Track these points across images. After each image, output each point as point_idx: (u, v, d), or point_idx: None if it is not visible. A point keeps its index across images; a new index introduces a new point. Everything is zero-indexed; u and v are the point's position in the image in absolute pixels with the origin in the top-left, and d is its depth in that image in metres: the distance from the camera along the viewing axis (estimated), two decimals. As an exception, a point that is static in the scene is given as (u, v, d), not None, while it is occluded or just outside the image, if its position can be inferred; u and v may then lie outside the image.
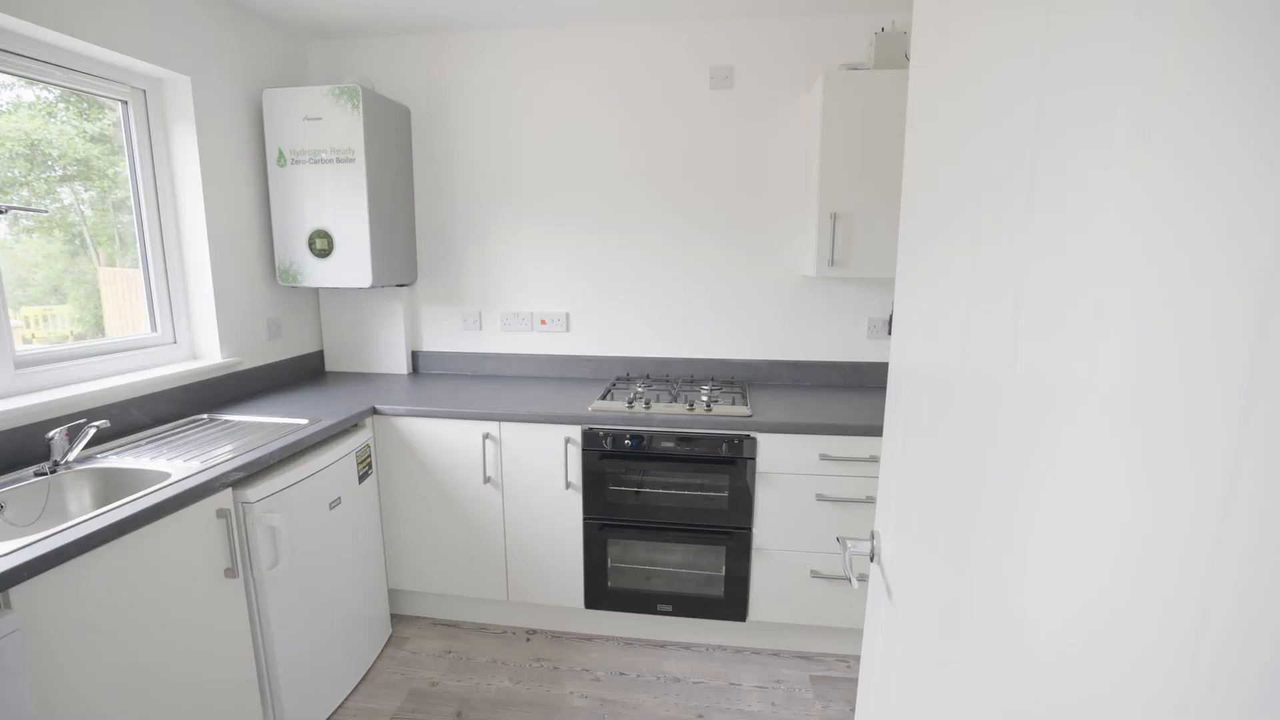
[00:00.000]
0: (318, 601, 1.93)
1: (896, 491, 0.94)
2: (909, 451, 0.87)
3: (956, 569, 0.67)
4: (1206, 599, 0.33)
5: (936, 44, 0.82)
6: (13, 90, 1.82)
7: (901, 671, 0.86)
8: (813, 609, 2.22)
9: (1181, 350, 0.35)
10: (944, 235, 0.75)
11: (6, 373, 1.73)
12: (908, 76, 2.15)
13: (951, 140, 0.73)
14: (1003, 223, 0.59)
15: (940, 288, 0.76)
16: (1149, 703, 0.36)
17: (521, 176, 2.69)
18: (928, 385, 0.79)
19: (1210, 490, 0.33)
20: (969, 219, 0.67)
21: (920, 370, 0.83)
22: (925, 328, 0.81)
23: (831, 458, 2.11)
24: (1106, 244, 0.43)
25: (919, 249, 0.87)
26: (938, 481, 0.74)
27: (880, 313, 2.60)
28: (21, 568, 1.15)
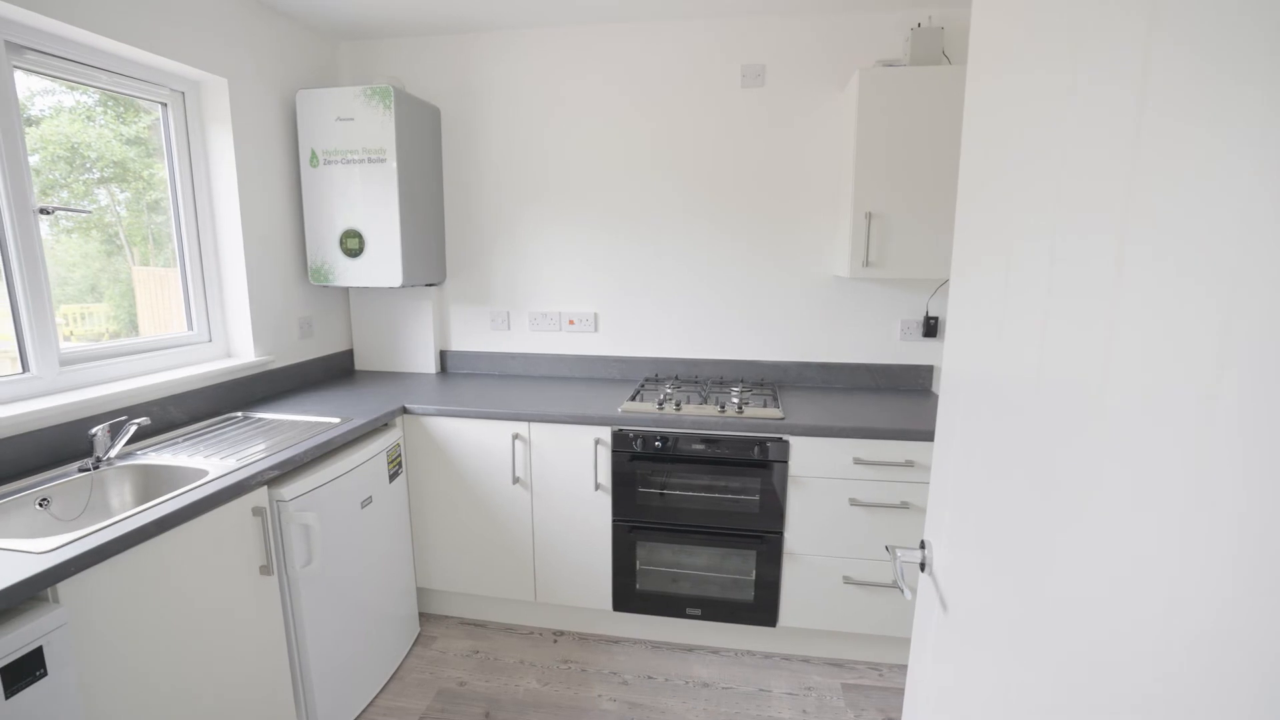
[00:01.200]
0: (349, 600, 1.94)
1: (951, 501, 0.91)
2: (967, 460, 0.84)
3: (1029, 586, 0.64)
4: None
5: (1002, 31, 0.78)
6: (54, 96, 1.86)
7: (960, 690, 0.82)
8: (845, 615, 2.18)
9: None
10: (1013, 235, 0.72)
11: (51, 370, 1.76)
12: (945, 73, 2.12)
13: (1024, 134, 0.70)
14: (1094, 216, 0.55)
15: (1007, 291, 0.73)
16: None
17: (550, 176, 2.69)
18: (991, 392, 0.76)
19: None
20: (1047, 216, 0.64)
21: (982, 377, 0.80)
22: (988, 332, 0.78)
23: (865, 462, 2.07)
24: (1228, 244, 0.40)
25: (978, 249, 0.84)
26: (1006, 493, 0.71)
27: (913, 314, 2.55)
28: (69, 563, 1.17)
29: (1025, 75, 0.71)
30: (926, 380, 2.57)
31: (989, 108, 0.83)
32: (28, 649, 1.09)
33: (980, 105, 0.86)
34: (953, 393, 0.93)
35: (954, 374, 0.93)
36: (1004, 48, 0.77)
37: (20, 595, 1.09)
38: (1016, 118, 0.73)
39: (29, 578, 1.11)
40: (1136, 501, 0.48)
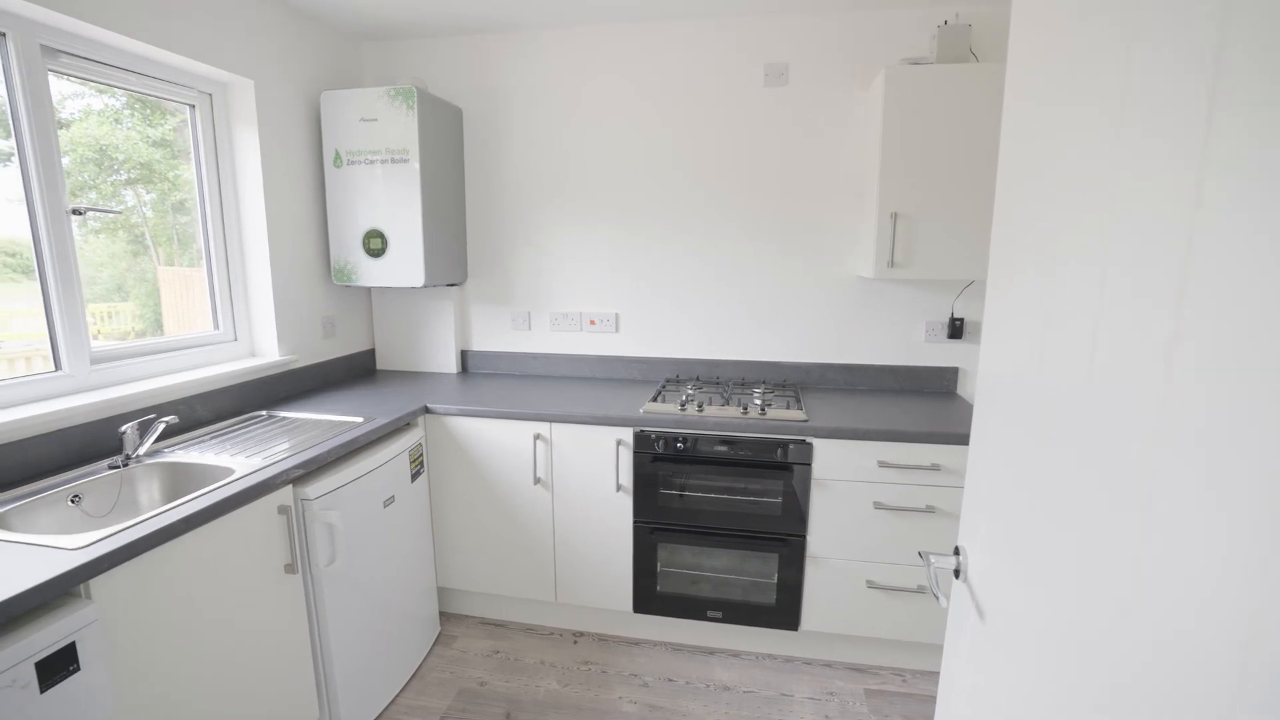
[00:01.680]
0: (371, 599, 1.95)
1: (988, 507, 0.88)
2: (1006, 467, 0.82)
3: (1075, 597, 0.61)
4: None
5: (1041, 57, 0.76)
6: (83, 99, 1.89)
7: (997, 700, 0.80)
8: (868, 620, 2.15)
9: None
10: (1059, 235, 0.70)
11: (83, 368, 1.79)
12: (973, 71, 2.08)
13: (1075, 132, 0.68)
14: (1157, 218, 0.53)
15: (1051, 303, 0.70)
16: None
17: (571, 176, 2.68)
18: (1034, 400, 0.74)
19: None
20: (1100, 216, 0.61)
21: (1023, 384, 0.77)
22: (1029, 342, 0.76)
23: (890, 465, 2.03)
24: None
25: (1018, 261, 0.81)
26: (1050, 502, 0.68)
27: (939, 315, 2.51)
28: (101, 559, 1.18)
29: (1068, 106, 0.68)
30: (951, 382, 2.53)
31: (1031, 117, 0.80)
32: (61, 645, 1.10)
33: (1020, 117, 0.84)
34: (989, 399, 0.91)
35: (991, 380, 0.90)
36: (1044, 73, 0.75)
37: (54, 591, 1.11)
38: (1056, 142, 0.70)
39: (62, 574, 1.12)
40: (1197, 514, 0.45)
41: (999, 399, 0.86)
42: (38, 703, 1.07)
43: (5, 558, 1.17)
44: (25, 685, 1.05)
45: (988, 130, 2.06)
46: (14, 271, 1.76)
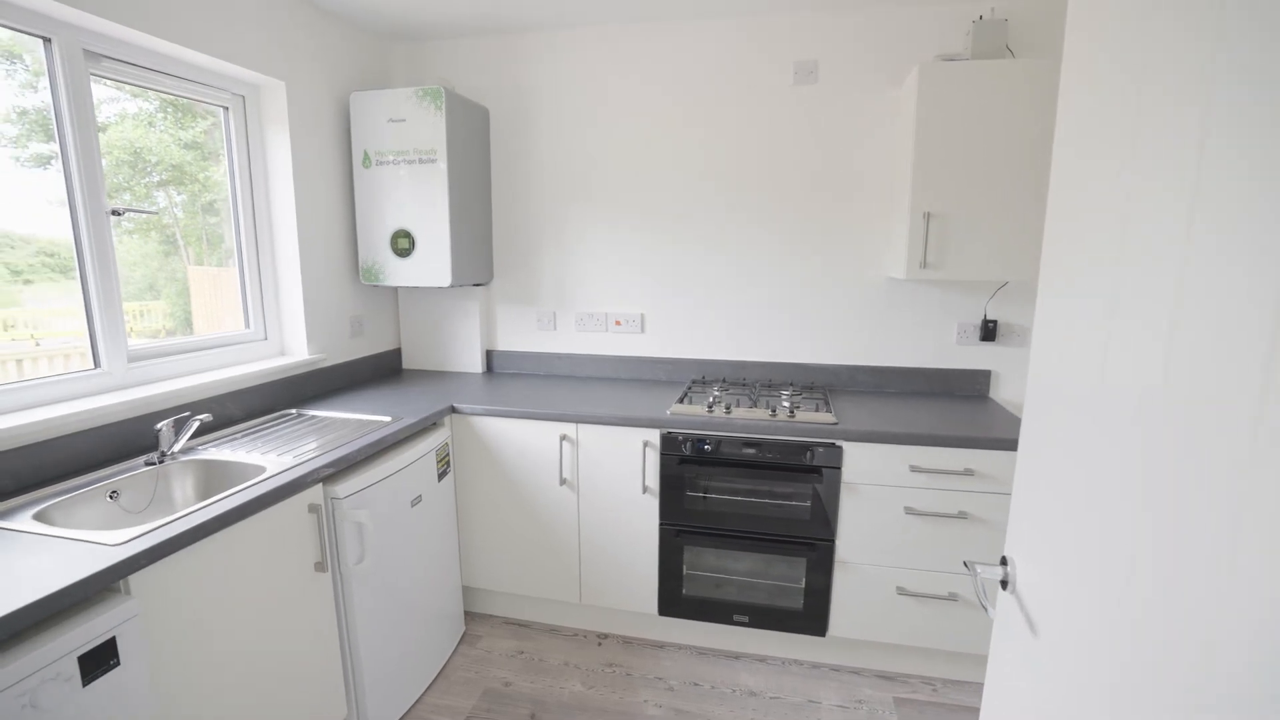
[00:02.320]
0: (398, 597, 1.95)
1: (1039, 516, 0.85)
2: (1062, 475, 0.79)
3: (1148, 619, 0.59)
4: None
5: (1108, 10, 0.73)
6: (118, 104, 1.92)
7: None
8: (898, 627, 2.11)
9: None
10: (1129, 236, 0.67)
11: (120, 366, 1.82)
12: (1009, 67, 2.03)
13: (1152, 121, 0.65)
14: (1250, 216, 0.50)
15: (1115, 313, 0.67)
16: None
17: (597, 176, 2.67)
18: (1096, 405, 0.71)
19: None
20: (1179, 217, 0.59)
21: (1084, 388, 0.74)
22: (1090, 342, 0.73)
23: (922, 469, 1.99)
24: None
25: (1076, 268, 0.78)
26: (1117, 515, 0.65)
27: (971, 317, 2.46)
28: (140, 556, 1.20)
29: (1143, 97, 0.65)
30: (984, 386, 2.48)
31: (1096, 105, 0.77)
32: (102, 639, 1.12)
33: (1080, 105, 0.81)
34: (1041, 405, 0.88)
35: (1044, 386, 0.87)
36: (1108, 66, 0.72)
37: (96, 586, 1.12)
38: (1128, 136, 0.67)
39: (104, 569, 1.13)
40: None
41: (1054, 405, 0.83)
42: (80, 695, 1.08)
43: (49, 552, 1.19)
44: (69, 679, 1.06)
45: (1024, 127, 2.01)
46: (52, 271, 1.79)
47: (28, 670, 1.00)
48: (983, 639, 2.05)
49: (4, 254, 1.72)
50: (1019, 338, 2.42)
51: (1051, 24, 2.23)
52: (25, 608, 1.01)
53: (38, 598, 1.03)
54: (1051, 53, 2.22)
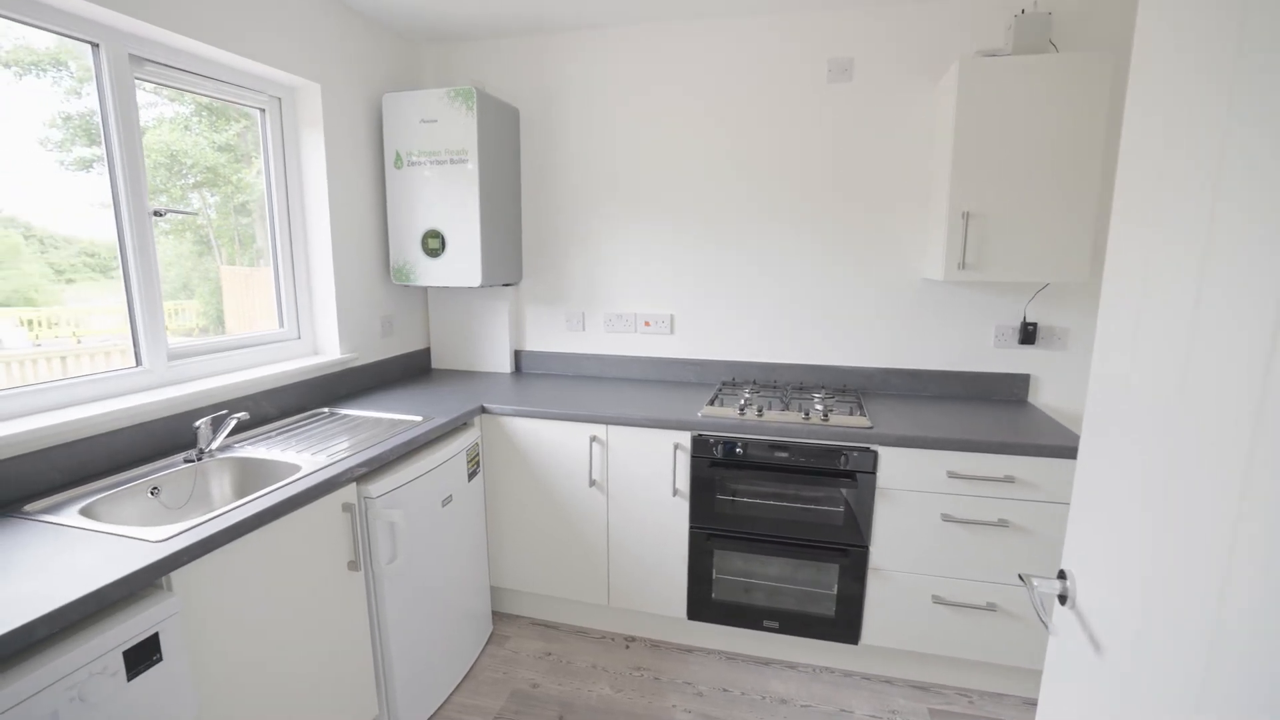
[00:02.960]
0: (428, 597, 1.96)
1: (1104, 530, 0.81)
2: (1135, 490, 0.75)
3: (1247, 639, 0.55)
4: None
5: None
6: (156, 108, 1.95)
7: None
8: (933, 637, 2.06)
9: None
10: (1220, 235, 0.63)
11: (161, 364, 1.85)
12: (1052, 62, 1.97)
13: (1238, 118, 0.61)
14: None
15: (1198, 319, 0.64)
16: None
17: (627, 176, 2.66)
18: (1177, 410, 0.67)
19: None
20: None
21: (1160, 397, 0.71)
22: (1168, 348, 0.69)
23: (960, 475, 1.95)
24: None
25: (1151, 253, 0.75)
26: (1207, 528, 0.62)
27: (1009, 319, 2.39)
28: (182, 552, 1.21)
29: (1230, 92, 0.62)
30: (1023, 390, 2.41)
31: (1171, 99, 0.73)
32: (146, 635, 1.13)
33: (1150, 97, 0.77)
34: (1106, 412, 0.84)
35: (1109, 393, 0.83)
36: (1189, 57, 0.68)
37: (140, 583, 1.14)
38: (1216, 124, 0.64)
39: (148, 566, 1.15)
40: None
41: (1123, 412, 0.80)
42: (126, 690, 1.10)
43: (95, 548, 1.21)
44: (114, 673, 1.08)
45: (1069, 124, 1.95)
46: (93, 271, 1.83)
47: (76, 664, 1.02)
48: (1023, 651, 1.99)
49: (48, 254, 1.76)
50: (1060, 341, 2.36)
51: (1098, 17, 2.16)
52: (75, 602, 1.03)
53: (86, 592, 1.05)
54: (1098, 47, 2.16)
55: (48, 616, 0.99)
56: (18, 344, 1.73)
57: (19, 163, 1.62)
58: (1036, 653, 1.98)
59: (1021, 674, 2.08)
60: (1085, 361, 2.35)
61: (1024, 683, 2.09)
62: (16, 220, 1.70)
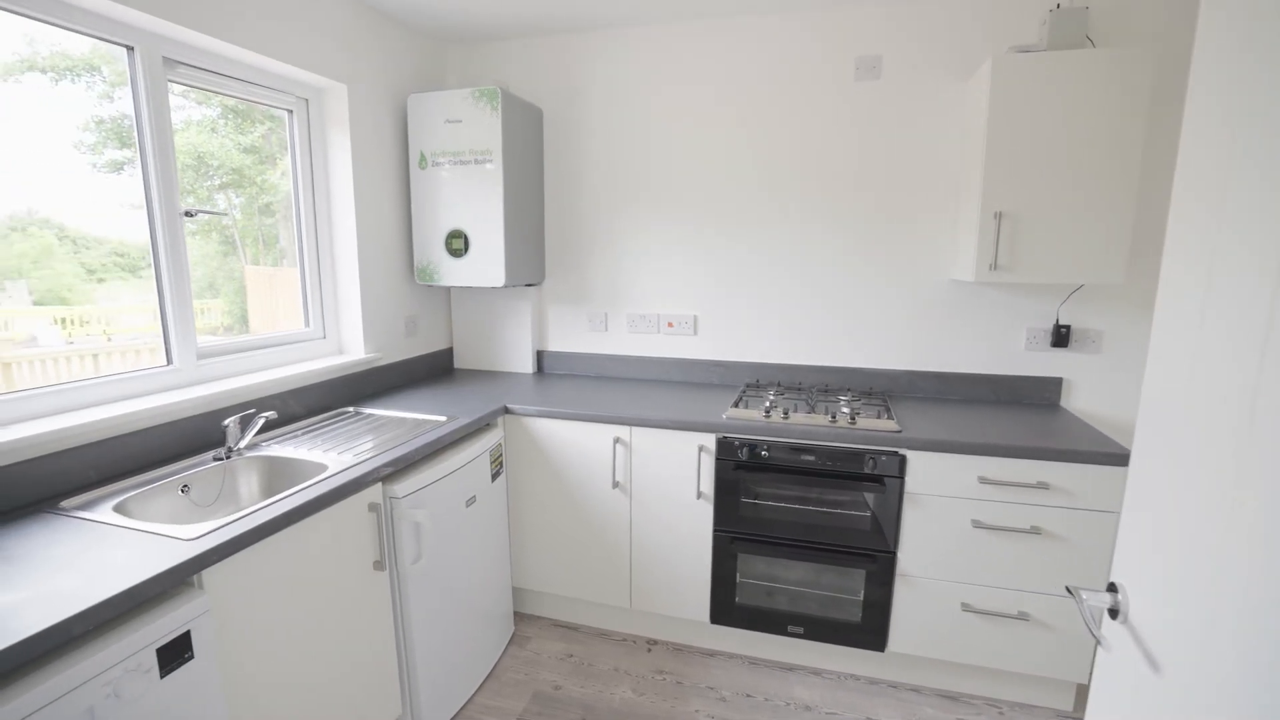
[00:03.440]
0: (452, 597, 1.96)
1: (1160, 540, 0.78)
2: (1193, 495, 0.72)
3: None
4: None
5: None
6: (184, 111, 1.98)
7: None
8: (962, 645, 2.02)
9: None
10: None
11: (190, 363, 1.87)
12: (1090, 58, 1.92)
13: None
14: None
15: (1273, 322, 0.61)
16: None
17: (650, 177, 2.65)
18: (1249, 418, 0.64)
19: None
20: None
21: (1225, 398, 0.68)
22: (1237, 347, 0.66)
23: (992, 481, 1.90)
24: None
25: (1213, 245, 0.71)
26: (1269, 547, 0.59)
27: (1041, 322, 2.34)
28: (212, 551, 1.21)
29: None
30: (1054, 394, 2.36)
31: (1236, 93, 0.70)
32: (178, 632, 1.14)
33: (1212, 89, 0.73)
34: (1162, 419, 0.81)
35: (1167, 398, 0.80)
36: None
37: (173, 580, 1.14)
38: None
39: (180, 564, 1.15)
40: None
41: (1183, 418, 0.76)
42: (159, 687, 1.10)
43: (130, 545, 1.22)
44: (148, 670, 1.08)
45: (1106, 122, 1.90)
46: (122, 271, 1.85)
47: (112, 661, 1.03)
48: (1056, 663, 1.94)
49: (80, 254, 1.78)
50: (1095, 344, 2.30)
51: (1137, 10, 2.10)
52: (110, 599, 1.03)
53: (121, 590, 1.05)
54: (1137, 41, 2.10)
55: (84, 614, 1.00)
56: (52, 342, 1.75)
57: (54, 166, 1.64)
58: (1070, 664, 1.93)
59: (1054, 685, 2.03)
60: (1121, 365, 2.29)
61: (1057, 695, 2.04)
62: (51, 221, 1.73)
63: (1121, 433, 2.30)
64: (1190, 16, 2.07)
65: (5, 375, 1.66)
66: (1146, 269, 2.20)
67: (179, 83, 1.83)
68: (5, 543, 1.23)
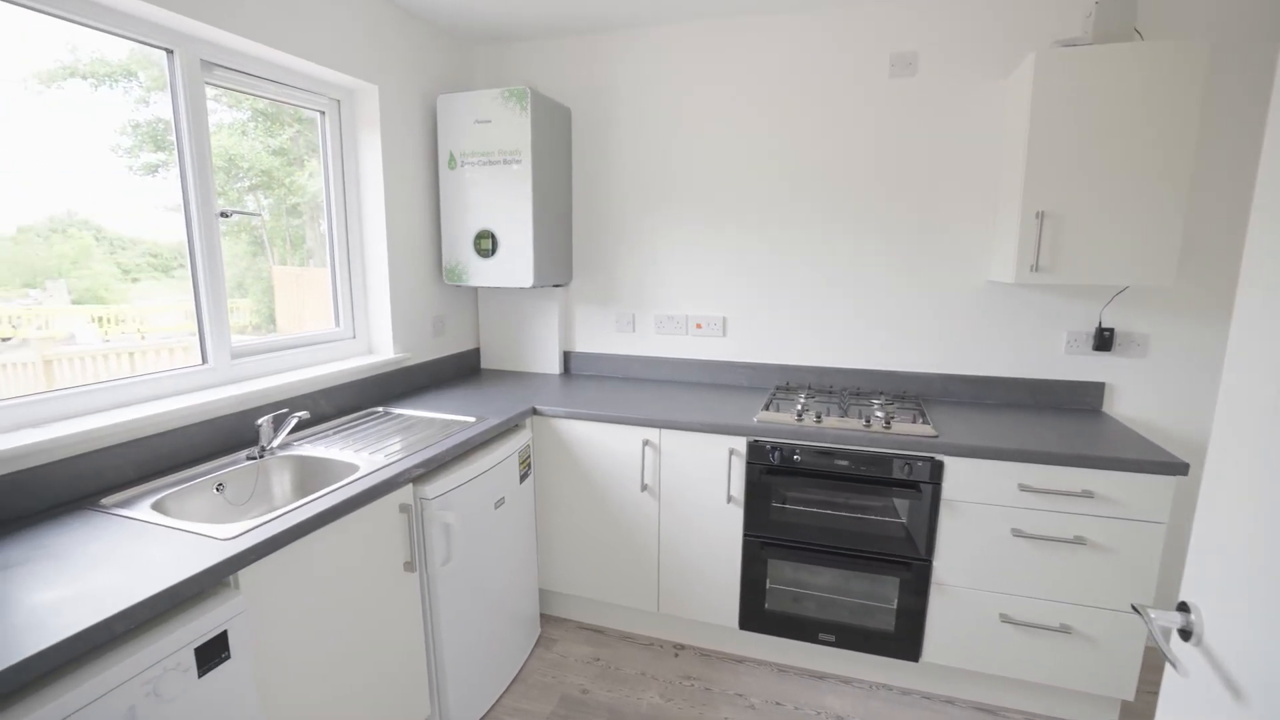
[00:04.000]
0: (480, 599, 1.95)
1: (1241, 558, 0.74)
2: (1275, 505, 0.67)
3: None
4: None
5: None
6: (215, 115, 2.00)
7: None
8: (999, 657, 1.96)
9: None
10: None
11: (225, 362, 1.89)
12: (1138, 51, 1.85)
13: None
14: None
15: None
16: None
17: (679, 176, 2.62)
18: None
19: None
20: None
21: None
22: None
23: (1033, 489, 1.84)
24: None
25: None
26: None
27: (1083, 325, 2.27)
28: (248, 552, 1.22)
29: None
30: (1096, 399, 2.28)
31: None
32: (215, 632, 1.14)
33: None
34: (1239, 431, 0.76)
35: (1246, 408, 0.76)
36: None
37: (211, 580, 1.14)
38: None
39: (218, 564, 1.16)
40: None
41: (1260, 432, 0.72)
42: (197, 687, 1.10)
43: (168, 544, 1.22)
44: (186, 669, 1.09)
45: (1156, 117, 1.84)
46: (155, 271, 1.88)
47: (152, 659, 1.03)
48: (1100, 678, 1.88)
49: (116, 254, 1.81)
50: (1140, 348, 2.22)
51: (1189, 1, 2.02)
52: (151, 598, 1.04)
53: (161, 589, 1.06)
54: (1189, 32, 2.02)
55: (126, 612, 1.00)
56: (90, 340, 1.78)
57: (92, 169, 1.67)
58: (1115, 680, 1.87)
59: (1097, 701, 1.97)
60: (1169, 369, 2.21)
61: (1099, 711, 1.97)
62: (89, 223, 1.76)
63: (1169, 440, 2.22)
64: (1245, 6, 1.99)
65: (47, 373, 1.69)
66: (1197, 271, 2.13)
67: (216, 85, 1.85)
68: (49, 539, 1.24)
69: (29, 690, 0.91)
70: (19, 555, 1.18)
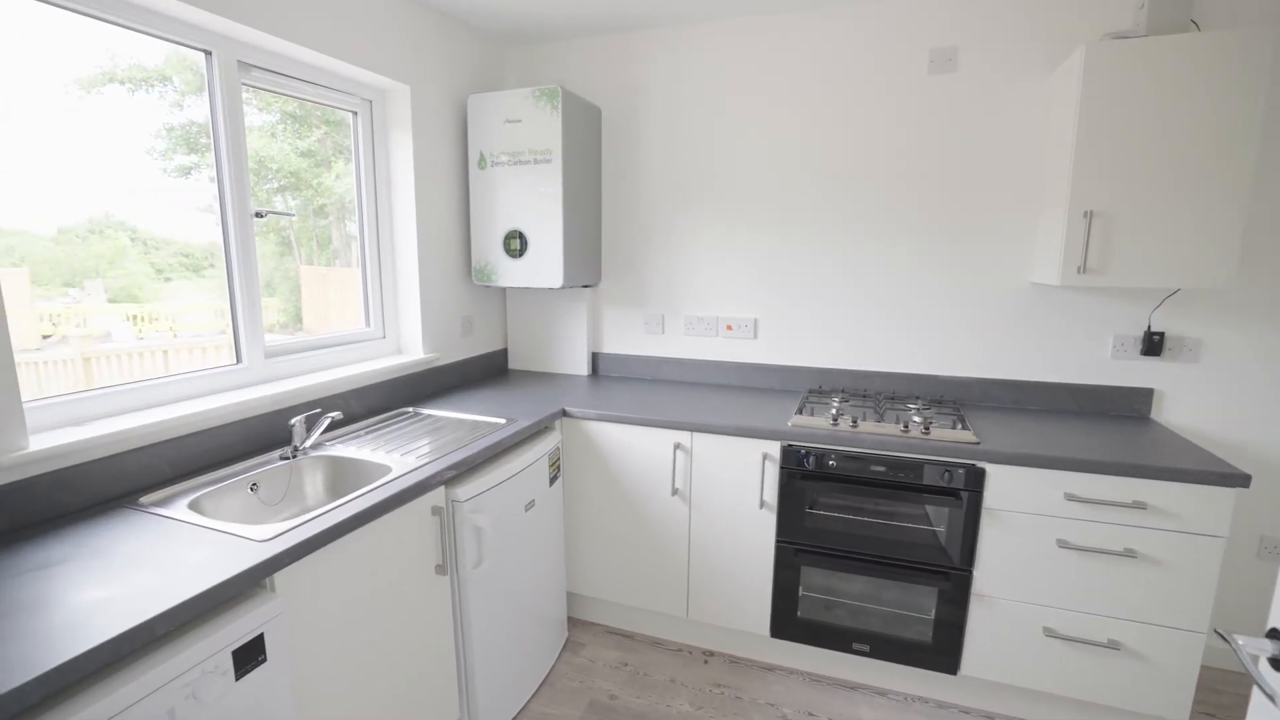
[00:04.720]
0: (510, 602, 1.94)
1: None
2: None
3: None
4: None
5: None
6: (246, 117, 2.01)
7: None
8: (1042, 672, 1.90)
9: None
10: None
11: (259, 361, 1.89)
12: (1194, 44, 1.78)
13: None
14: None
15: None
16: None
17: (710, 176, 2.58)
18: None
19: None
20: None
21: None
22: None
23: (1080, 499, 1.78)
24: None
25: None
26: None
27: (1131, 328, 2.19)
28: (283, 554, 1.21)
29: None
30: (1145, 406, 2.20)
31: None
32: (252, 635, 1.13)
33: None
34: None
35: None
36: None
37: (248, 583, 1.14)
38: None
39: (255, 566, 1.15)
40: None
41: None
42: (234, 690, 1.10)
43: (205, 545, 1.22)
44: (224, 673, 1.08)
45: (1214, 111, 1.76)
46: (187, 271, 1.89)
47: (191, 662, 1.02)
48: (1150, 697, 1.81)
49: (150, 255, 1.83)
50: (1192, 352, 2.13)
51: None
52: (190, 600, 1.03)
53: (200, 591, 1.05)
54: (1249, 21, 1.94)
55: (166, 614, 1.00)
56: (125, 338, 1.80)
57: (128, 171, 1.68)
58: (1166, 700, 1.79)
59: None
60: (1224, 376, 2.12)
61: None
62: (125, 224, 1.78)
63: (1223, 449, 2.14)
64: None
65: (86, 370, 1.71)
66: (1254, 271, 2.04)
67: (252, 86, 1.86)
68: (91, 538, 1.25)
69: (72, 690, 0.90)
70: (61, 553, 1.18)
